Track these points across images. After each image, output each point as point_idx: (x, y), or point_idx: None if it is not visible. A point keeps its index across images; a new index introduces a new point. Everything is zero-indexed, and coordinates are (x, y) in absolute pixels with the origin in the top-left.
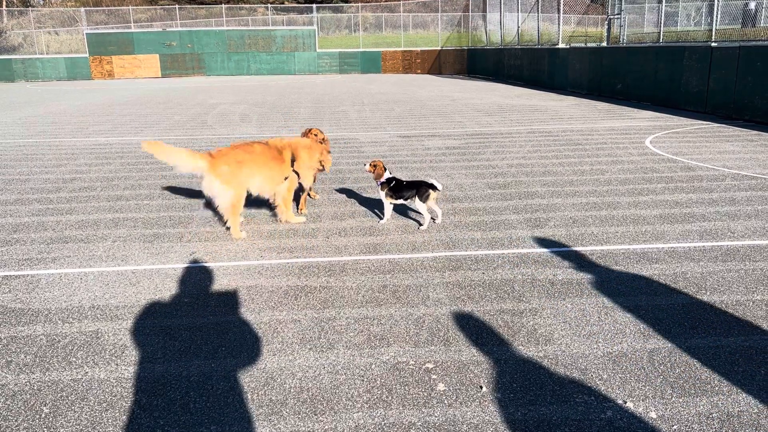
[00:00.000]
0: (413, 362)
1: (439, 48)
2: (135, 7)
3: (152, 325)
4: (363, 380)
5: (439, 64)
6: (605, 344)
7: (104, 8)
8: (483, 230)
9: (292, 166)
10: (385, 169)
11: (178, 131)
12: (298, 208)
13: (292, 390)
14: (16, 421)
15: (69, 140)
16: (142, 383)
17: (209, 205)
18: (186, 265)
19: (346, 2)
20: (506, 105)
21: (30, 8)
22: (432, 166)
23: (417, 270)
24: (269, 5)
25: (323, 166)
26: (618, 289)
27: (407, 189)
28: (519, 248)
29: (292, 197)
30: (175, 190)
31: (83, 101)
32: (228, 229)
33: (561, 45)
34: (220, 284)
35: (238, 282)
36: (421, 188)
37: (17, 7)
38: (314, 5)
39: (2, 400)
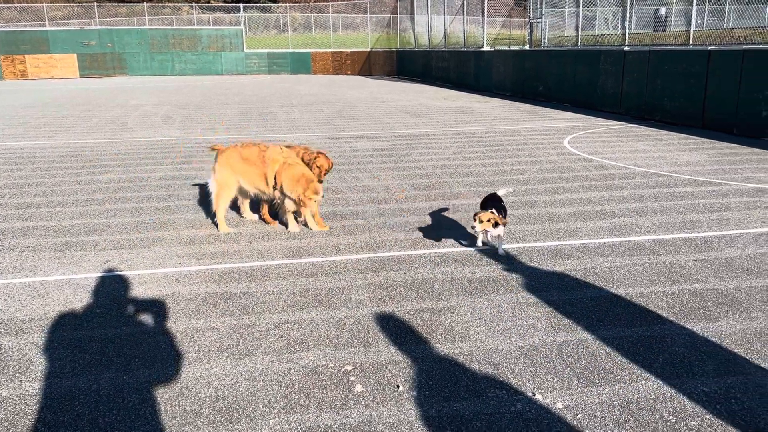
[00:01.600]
0: (332, 365)
1: (368, 49)
2: (50, 4)
3: (61, 338)
4: (281, 386)
5: (369, 65)
6: (518, 339)
7: (16, 5)
8: (407, 231)
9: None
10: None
11: (97, 134)
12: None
13: (207, 399)
14: None
15: None
16: (48, 399)
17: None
18: (100, 274)
19: (275, 2)
20: (433, 107)
21: None
22: (360, 168)
23: (340, 272)
24: (194, 4)
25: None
26: (532, 285)
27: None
28: (440, 248)
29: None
30: (89, 196)
31: None
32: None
33: (486, 48)
34: (135, 293)
35: (155, 290)
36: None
37: None
38: (241, 4)
39: None
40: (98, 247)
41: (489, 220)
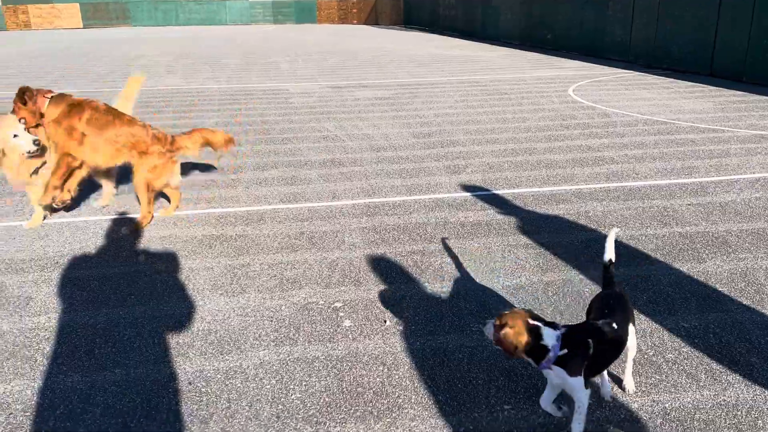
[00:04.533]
0: (323, 302)
1: None
2: None
3: (60, 276)
4: (272, 321)
5: (375, 14)
6: (505, 278)
7: None
8: (404, 178)
9: None
10: (537, 328)
11: (99, 83)
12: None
13: (200, 333)
14: None
15: None
16: (46, 333)
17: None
18: (98, 217)
19: None
20: (439, 56)
21: None
22: (360, 116)
23: (335, 217)
24: None
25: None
26: (524, 228)
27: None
28: (436, 194)
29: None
30: None
31: (3, 54)
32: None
33: None
34: (132, 236)
35: (152, 233)
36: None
37: None
38: None
39: None
40: (96, 191)
41: (504, 326)
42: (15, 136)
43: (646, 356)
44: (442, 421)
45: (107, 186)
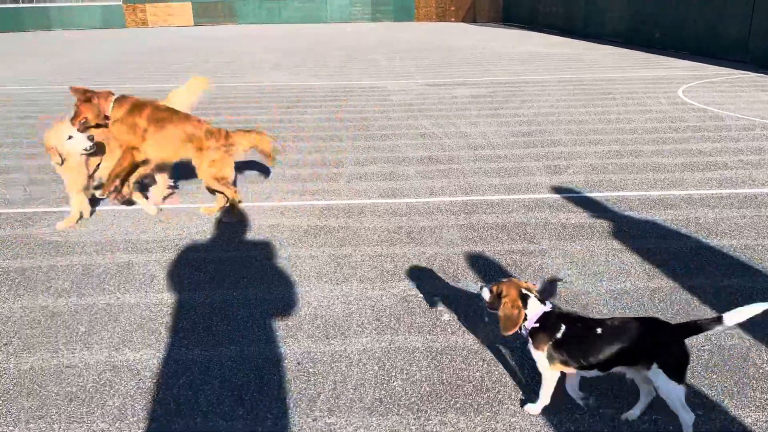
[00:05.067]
0: (422, 295)
1: None
2: None
3: (179, 258)
4: (373, 310)
5: (473, 11)
6: (609, 282)
7: None
8: (502, 176)
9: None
10: (526, 297)
11: (215, 77)
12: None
13: (306, 317)
14: (55, 337)
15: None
16: (169, 308)
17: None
18: (213, 204)
19: None
20: (538, 54)
21: None
22: (458, 114)
23: (433, 213)
24: None
25: None
26: (629, 233)
27: (613, 343)
28: (535, 194)
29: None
30: None
31: (117, 50)
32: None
33: None
34: (243, 223)
35: (262, 221)
36: (662, 337)
37: None
38: None
39: (43, 320)
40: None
41: (499, 294)
42: (69, 137)
43: (760, 371)
44: (543, 419)
45: (162, 180)
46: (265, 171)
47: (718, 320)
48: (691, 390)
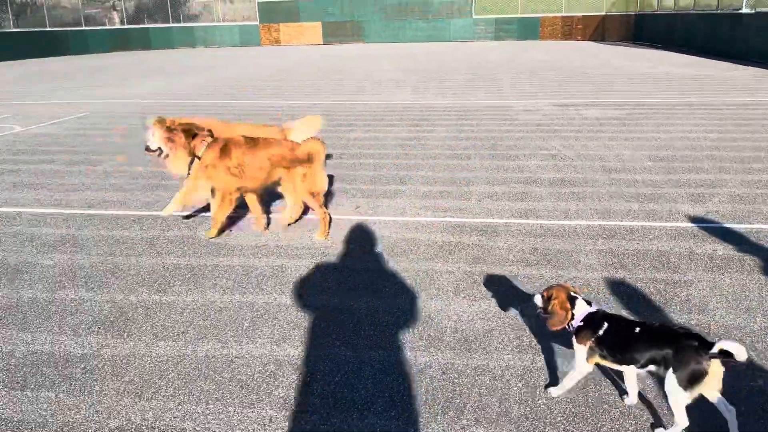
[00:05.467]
0: None
1: (603, 13)
2: None
3: (327, 265)
4: (513, 329)
5: (602, 30)
6: (764, 319)
7: None
8: (641, 202)
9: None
10: (574, 298)
11: (341, 96)
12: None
13: (447, 329)
14: (224, 330)
15: (247, 102)
16: (320, 311)
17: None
18: (352, 217)
19: None
20: (676, 74)
21: None
22: (589, 136)
23: (569, 236)
24: None
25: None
26: None
27: (644, 345)
28: (678, 222)
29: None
30: (341, 151)
31: (255, 67)
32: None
33: (745, 9)
34: (381, 235)
35: (398, 235)
36: (683, 348)
37: None
38: None
39: (212, 313)
40: (349, 194)
41: (550, 298)
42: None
43: None
44: None
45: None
46: (398, 185)
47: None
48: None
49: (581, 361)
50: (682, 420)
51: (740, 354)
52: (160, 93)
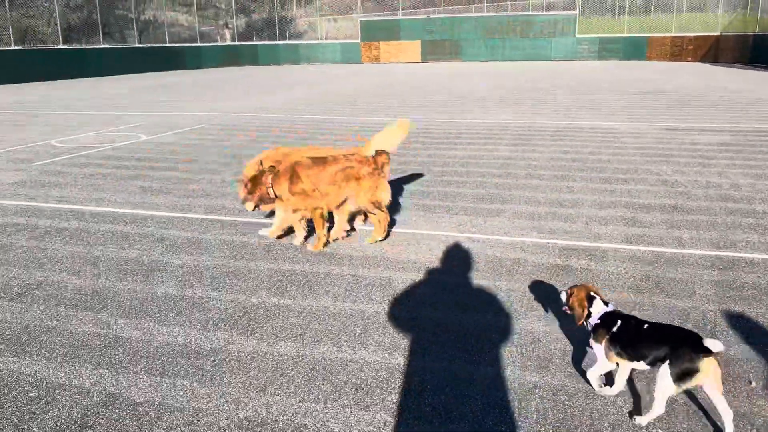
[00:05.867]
0: None
1: (717, 33)
2: None
3: (431, 279)
4: None
5: (715, 51)
6: None
7: None
8: (761, 234)
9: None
10: (593, 298)
11: (441, 114)
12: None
13: (557, 352)
14: (338, 335)
15: (348, 118)
16: (427, 323)
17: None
18: (455, 234)
19: None
20: None
21: None
22: (702, 162)
23: (683, 265)
24: None
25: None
26: None
27: (650, 343)
28: None
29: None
30: (442, 168)
31: (355, 83)
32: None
33: None
34: (486, 254)
35: (503, 254)
36: (680, 347)
37: None
38: None
39: (326, 318)
40: (452, 211)
41: (571, 295)
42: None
43: None
44: None
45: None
46: (501, 204)
47: None
48: None
49: (602, 358)
50: (659, 408)
51: (715, 347)
52: (267, 108)
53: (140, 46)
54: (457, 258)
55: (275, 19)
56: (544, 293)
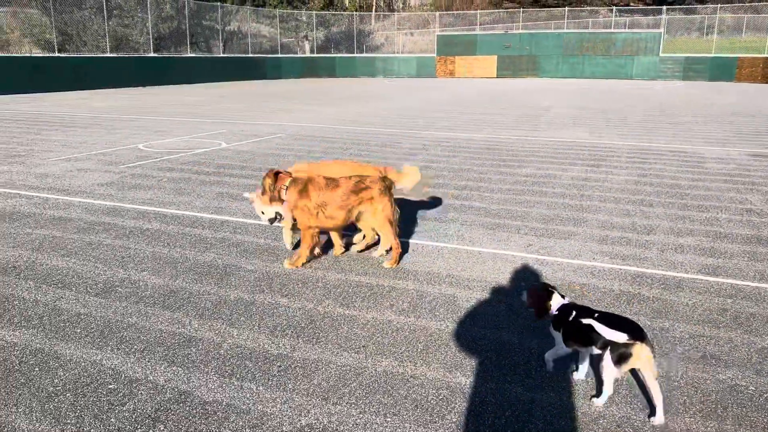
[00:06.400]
0: (753, 388)
1: None
2: (481, 11)
3: (496, 299)
4: (697, 391)
5: None
6: None
7: (454, 12)
8: None
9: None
10: (551, 293)
11: (514, 131)
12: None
13: (623, 384)
14: (399, 349)
15: (420, 132)
16: (490, 344)
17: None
18: (524, 254)
19: (702, 3)
20: None
21: (394, 12)
22: None
23: (764, 300)
24: (613, 7)
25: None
26: None
27: (581, 332)
28: None
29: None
30: (511, 186)
31: (430, 98)
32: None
33: None
34: (554, 277)
35: (572, 278)
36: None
37: (384, 11)
38: (664, 6)
39: (390, 332)
40: (521, 231)
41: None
42: (262, 213)
43: None
44: None
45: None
46: (572, 226)
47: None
48: None
49: (560, 343)
50: (608, 389)
51: (618, 338)
52: (342, 119)
53: (224, 56)
54: (524, 280)
55: (354, 32)
56: None
